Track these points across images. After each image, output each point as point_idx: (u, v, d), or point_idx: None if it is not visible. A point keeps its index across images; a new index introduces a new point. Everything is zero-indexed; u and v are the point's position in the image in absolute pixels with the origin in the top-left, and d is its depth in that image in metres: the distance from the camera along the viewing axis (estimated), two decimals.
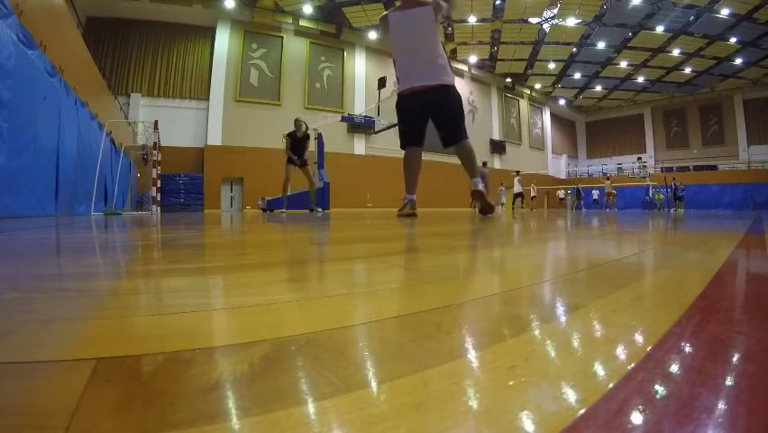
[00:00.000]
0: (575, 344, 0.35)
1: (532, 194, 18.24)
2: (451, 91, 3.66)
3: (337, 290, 0.59)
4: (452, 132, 3.70)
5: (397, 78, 3.81)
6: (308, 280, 0.68)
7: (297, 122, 7.86)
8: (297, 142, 7.75)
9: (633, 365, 0.29)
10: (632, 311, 0.46)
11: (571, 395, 0.24)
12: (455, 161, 3.87)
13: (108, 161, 8.32)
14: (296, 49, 17.90)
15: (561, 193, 24.45)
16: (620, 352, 0.32)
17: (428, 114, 3.70)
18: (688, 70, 22.51)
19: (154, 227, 2.48)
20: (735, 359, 0.31)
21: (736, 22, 16.99)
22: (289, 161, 7.71)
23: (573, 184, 24.09)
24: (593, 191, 21.62)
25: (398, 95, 3.78)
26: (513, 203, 16.64)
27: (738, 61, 20.74)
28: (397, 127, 4.01)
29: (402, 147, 3.86)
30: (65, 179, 5.50)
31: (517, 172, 17.04)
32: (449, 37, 19.69)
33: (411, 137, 3.80)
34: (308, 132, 8.01)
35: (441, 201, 19.68)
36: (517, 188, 16.51)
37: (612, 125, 30.79)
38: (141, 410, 0.22)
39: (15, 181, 4.00)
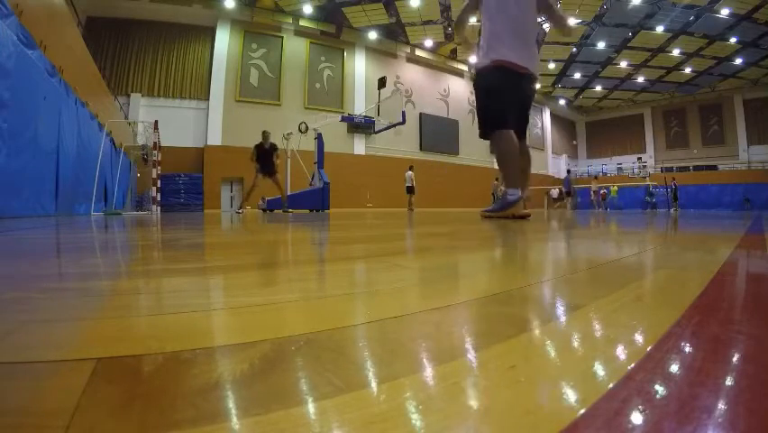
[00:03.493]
0: (575, 343, 0.35)
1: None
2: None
3: (337, 290, 0.59)
4: (525, 125, 3.48)
5: (485, 46, 3.31)
6: (308, 281, 0.68)
7: (265, 134, 8.46)
8: (263, 153, 8.33)
9: (633, 365, 0.29)
10: (632, 311, 0.46)
11: (570, 395, 0.24)
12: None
13: (108, 161, 8.33)
14: (296, 49, 17.89)
15: (554, 193, 24.37)
16: (620, 352, 0.32)
17: (521, 100, 3.36)
18: (688, 70, 22.50)
19: (154, 227, 2.48)
20: (734, 359, 0.31)
21: (736, 22, 16.98)
22: (258, 170, 8.33)
23: (572, 184, 24.09)
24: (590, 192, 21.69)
25: (497, 66, 3.23)
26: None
27: (738, 61, 20.73)
28: (397, 127, 3.84)
29: (495, 129, 3.25)
30: (65, 179, 5.50)
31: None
32: (448, 37, 19.68)
33: (509, 119, 3.23)
34: (275, 145, 8.58)
35: (442, 202, 19.70)
36: (555, 194, 18.83)
37: (612, 125, 30.76)
38: (141, 410, 0.22)
39: (15, 181, 4.00)
